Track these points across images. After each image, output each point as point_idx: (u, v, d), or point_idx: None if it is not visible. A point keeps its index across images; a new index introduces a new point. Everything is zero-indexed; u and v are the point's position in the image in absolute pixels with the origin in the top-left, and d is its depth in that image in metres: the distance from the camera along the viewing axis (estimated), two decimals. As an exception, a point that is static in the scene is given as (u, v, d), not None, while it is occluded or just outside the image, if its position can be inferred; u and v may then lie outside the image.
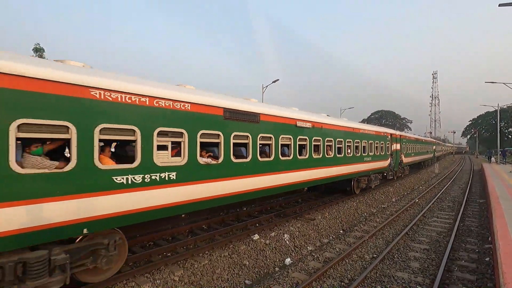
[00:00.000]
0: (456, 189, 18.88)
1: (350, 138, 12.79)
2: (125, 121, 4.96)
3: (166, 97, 5.60)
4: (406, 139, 24.02)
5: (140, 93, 5.17)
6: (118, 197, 4.84)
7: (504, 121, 71.85)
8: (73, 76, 4.37)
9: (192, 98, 6.11)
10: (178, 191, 5.77)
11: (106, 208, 4.69)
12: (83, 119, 4.45)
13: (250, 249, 7.31)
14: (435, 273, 6.28)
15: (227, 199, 6.92)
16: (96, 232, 4.69)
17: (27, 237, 3.89)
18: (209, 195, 6.45)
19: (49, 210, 4.08)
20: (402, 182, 20.83)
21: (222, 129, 6.76)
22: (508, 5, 14.07)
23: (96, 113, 4.60)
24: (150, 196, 5.28)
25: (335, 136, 11.61)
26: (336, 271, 6.43)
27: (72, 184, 4.32)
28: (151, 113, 5.34)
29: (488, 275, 6.29)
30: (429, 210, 12.55)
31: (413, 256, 7.32)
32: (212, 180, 6.51)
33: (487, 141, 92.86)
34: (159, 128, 5.46)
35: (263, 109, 8.12)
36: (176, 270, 5.90)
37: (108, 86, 4.75)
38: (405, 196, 16.07)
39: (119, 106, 4.89)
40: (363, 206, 12.85)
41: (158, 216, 5.49)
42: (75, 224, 4.34)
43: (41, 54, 25.80)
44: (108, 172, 4.75)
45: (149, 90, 5.32)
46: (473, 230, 9.72)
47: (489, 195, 12.75)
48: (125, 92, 4.96)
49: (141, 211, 5.17)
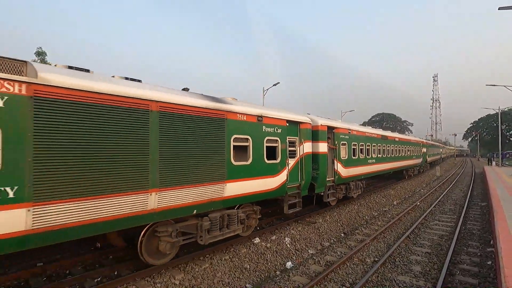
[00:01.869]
0: (457, 192, 18.81)
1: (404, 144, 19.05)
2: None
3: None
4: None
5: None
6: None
7: (505, 124, 71.72)
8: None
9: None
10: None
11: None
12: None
13: (251, 252, 7.29)
14: (437, 277, 6.25)
15: None
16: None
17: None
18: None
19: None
20: (403, 185, 20.78)
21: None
22: (507, 8, 14.13)
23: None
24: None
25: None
26: (338, 274, 6.40)
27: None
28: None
29: (490, 278, 6.25)
30: (431, 213, 12.50)
31: (414, 260, 7.29)
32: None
33: (489, 144, 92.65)
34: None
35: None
36: (176, 273, 5.89)
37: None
38: (407, 199, 16.02)
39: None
40: (364, 209, 12.81)
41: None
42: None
43: (43, 58, 25.94)
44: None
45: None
46: (475, 233, 9.67)
47: (490, 198, 12.71)
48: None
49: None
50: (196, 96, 6.46)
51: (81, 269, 6.05)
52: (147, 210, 5.21)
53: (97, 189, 4.56)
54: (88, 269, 6.05)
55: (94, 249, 6.99)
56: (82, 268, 6.11)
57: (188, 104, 6.00)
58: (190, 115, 6.00)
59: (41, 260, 6.25)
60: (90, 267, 6.23)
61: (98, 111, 4.61)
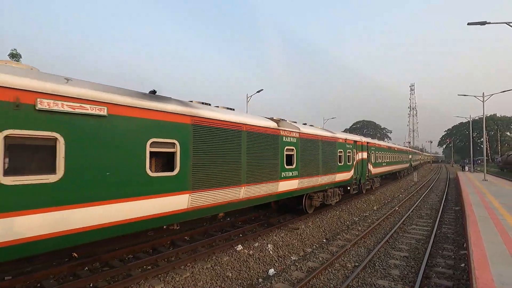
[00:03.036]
0: (433, 197, 19.57)
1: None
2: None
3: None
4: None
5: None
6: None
7: (476, 132, 75.73)
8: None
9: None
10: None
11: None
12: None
13: (234, 260, 7.21)
14: (414, 280, 6.44)
15: None
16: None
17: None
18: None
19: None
20: (383, 190, 21.38)
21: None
22: (476, 23, 15.09)
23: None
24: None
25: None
26: (319, 280, 6.45)
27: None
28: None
29: (463, 280, 6.52)
30: (409, 217, 12.92)
31: (393, 264, 7.48)
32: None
33: (462, 150, 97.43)
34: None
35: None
36: (156, 284, 5.73)
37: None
38: (386, 204, 16.47)
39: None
40: (346, 215, 13.05)
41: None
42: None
43: (18, 60, 24.84)
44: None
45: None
46: (450, 236, 10.08)
47: (463, 202, 13.32)
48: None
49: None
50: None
51: (54, 282, 5.74)
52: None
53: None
54: (61, 282, 5.76)
55: (68, 260, 6.68)
56: (55, 281, 5.80)
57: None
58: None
59: (9, 273, 5.89)
60: (63, 279, 5.93)
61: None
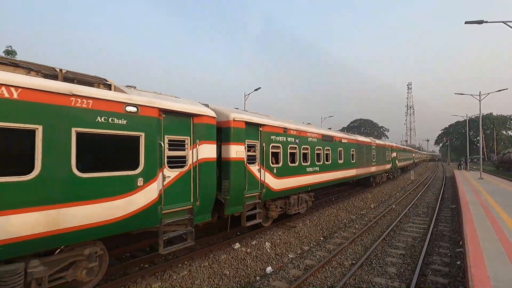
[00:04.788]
0: (430, 195, 19.68)
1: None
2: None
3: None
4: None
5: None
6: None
7: (472, 130, 76.21)
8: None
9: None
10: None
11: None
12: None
13: (231, 258, 7.22)
14: (410, 278, 6.48)
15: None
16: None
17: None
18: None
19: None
20: (380, 188, 21.47)
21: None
22: (473, 22, 15.13)
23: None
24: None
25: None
26: (316, 278, 6.47)
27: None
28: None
29: (459, 278, 6.56)
30: (405, 215, 12.99)
31: (390, 262, 7.52)
32: None
33: (458, 149, 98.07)
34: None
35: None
36: (153, 282, 5.72)
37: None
38: (383, 203, 16.54)
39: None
40: (343, 213, 13.09)
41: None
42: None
43: (13, 57, 24.61)
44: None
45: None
46: (446, 234, 10.14)
47: (459, 200, 13.41)
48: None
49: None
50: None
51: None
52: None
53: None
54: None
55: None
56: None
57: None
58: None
59: None
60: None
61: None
